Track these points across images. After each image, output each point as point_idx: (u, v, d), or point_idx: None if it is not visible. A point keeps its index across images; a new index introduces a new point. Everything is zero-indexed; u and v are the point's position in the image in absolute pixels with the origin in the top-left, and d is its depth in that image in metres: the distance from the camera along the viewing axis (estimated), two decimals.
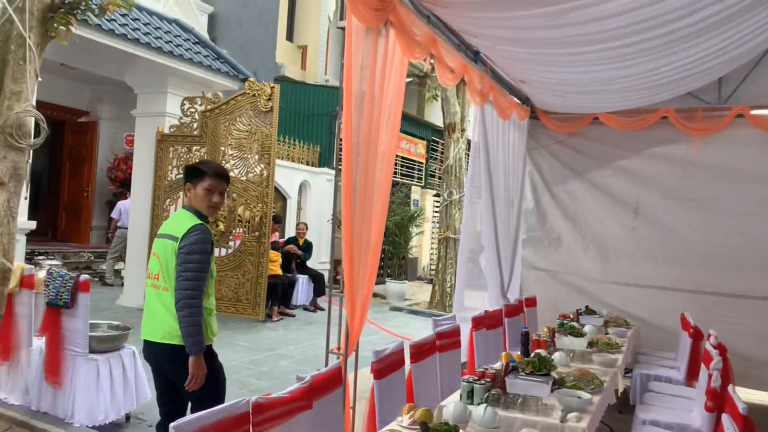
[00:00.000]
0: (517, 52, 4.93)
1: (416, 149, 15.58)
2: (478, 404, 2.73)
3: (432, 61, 4.48)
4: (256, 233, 7.05)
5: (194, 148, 7.41)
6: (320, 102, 11.95)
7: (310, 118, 12.00)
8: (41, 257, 8.86)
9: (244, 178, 7.17)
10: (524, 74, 5.65)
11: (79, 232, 12.61)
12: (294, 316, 8.15)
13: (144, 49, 6.87)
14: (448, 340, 4.12)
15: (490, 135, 6.00)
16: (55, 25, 3.36)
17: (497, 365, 3.65)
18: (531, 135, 7.14)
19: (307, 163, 11.28)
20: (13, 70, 3.13)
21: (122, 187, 12.27)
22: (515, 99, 6.37)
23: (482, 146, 5.89)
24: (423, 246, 16.19)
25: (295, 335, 7.01)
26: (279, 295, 7.62)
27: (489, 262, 6.41)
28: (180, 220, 2.79)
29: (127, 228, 8.85)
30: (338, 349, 3.93)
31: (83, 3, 3.33)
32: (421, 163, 15.90)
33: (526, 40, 4.60)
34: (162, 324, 2.71)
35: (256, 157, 7.11)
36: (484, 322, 5.08)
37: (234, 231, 7.25)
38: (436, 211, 15.48)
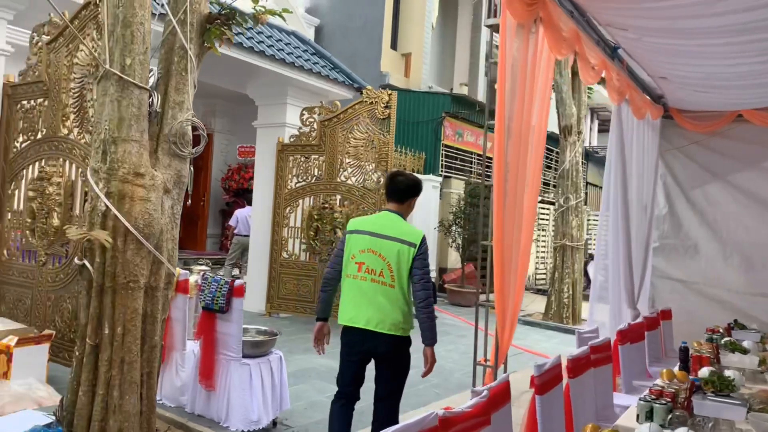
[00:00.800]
0: (664, 44, 4.58)
1: None
2: (661, 425, 2.47)
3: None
4: None
5: (312, 156, 7.53)
6: (425, 109, 11.89)
7: (416, 126, 11.97)
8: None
9: (361, 186, 7.19)
10: (666, 69, 5.26)
11: (196, 240, 13.30)
12: None
13: (269, 61, 7.11)
14: (601, 354, 3.85)
15: (626, 136, 5.64)
16: (212, 36, 3.47)
17: (658, 382, 3.34)
18: (663, 136, 6.68)
19: (413, 171, 11.24)
20: (176, 80, 3.25)
21: (236, 196, 12.84)
22: (647, 97, 5.98)
23: (618, 147, 5.54)
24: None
25: (415, 344, 6.90)
26: None
27: (616, 272, 6.01)
28: (403, 227, 3.17)
29: (243, 235, 9.20)
30: (486, 360, 3.79)
31: (238, 14, 3.41)
32: None
33: (677, 30, 4.26)
34: (388, 317, 3.05)
35: (373, 164, 7.11)
36: (629, 335, 4.72)
37: None
38: (542, 218, 14.95)
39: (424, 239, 3.13)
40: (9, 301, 4.79)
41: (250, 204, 9.42)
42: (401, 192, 3.28)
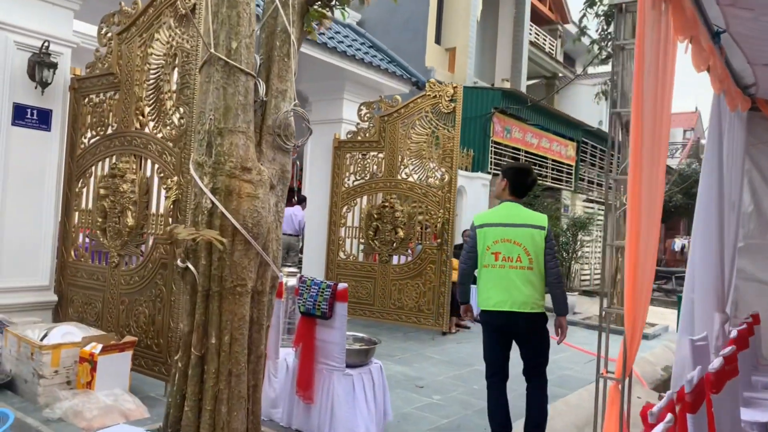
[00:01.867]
0: None
1: (566, 151, 14.73)
2: None
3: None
4: (438, 240, 6.74)
5: (371, 153, 7.27)
6: (472, 104, 11.56)
7: (463, 122, 11.63)
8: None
9: (424, 183, 6.90)
10: None
11: None
12: (469, 328, 7.77)
13: (328, 53, 6.86)
14: (731, 366, 3.50)
15: (723, 128, 5.27)
16: (312, 19, 3.22)
17: None
18: (749, 129, 6.27)
19: (461, 168, 10.92)
20: (279, 67, 3.00)
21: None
22: (737, 88, 5.60)
23: (716, 141, 5.17)
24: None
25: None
26: (456, 306, 7.26)
27: (705, 273, 5.63)
28: (530, 213, 3.58)
29: (290, 234, 8.91)
30: (608, 371, 3.47)
31: None
32: (571, 166, 15.02)
33: None
34: (529, 297, 3.41)
35: (436, 161, 6.82)
36: (740, 343, 4.36)
37: (412, 237, 7.01)
38: (599, 219, 14.49)
39: (547, 222, 3.55)
40: (77, 304, 4.60)
41: (299, 203, 9.19)
42: (527, 189, 3.68)
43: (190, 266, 2.73)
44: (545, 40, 21.97)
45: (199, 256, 2.71)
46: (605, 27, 9.58)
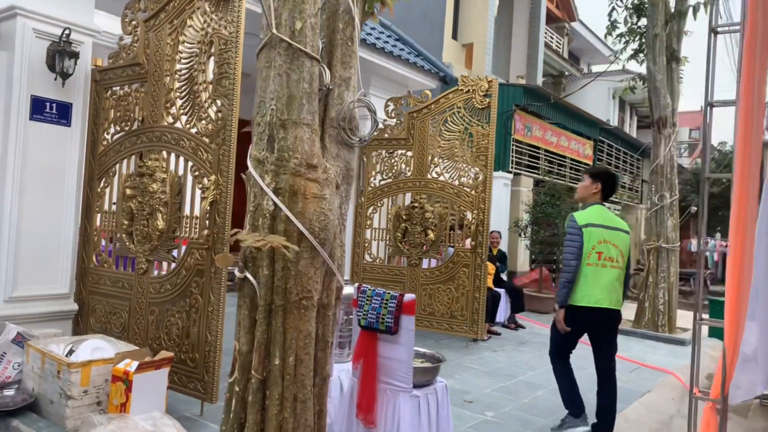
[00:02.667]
0: None
1: (584, 150, 14.44)
2: None
3: None
4: (472, 243, 6.42)
5: (399, 151, 6.95)
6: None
7: None
8: None
9: (456, 183, 6.58)
10: None
11: None
12: (500, 334, 7.46)
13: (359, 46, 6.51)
14: None
15: None
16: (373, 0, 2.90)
17: None
18: None
19: None
20: (342, 51, 2.68)
21: None
22: None
23: None
24: None
25: (520, 357, 6.30)
26: (489, 312, 6.95)
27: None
28: (617, 218, 3.99)
29: None
30: (701, 391, 3.15)
31: None
32: (588, 165, 14.71)
33: None
34: (620, 295, 3.87)
35: (470, 160, 6.50)
36: None
37: (444, 240, 6.69)
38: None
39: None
40: (100, 314, 4.27)
41: None
42: (613, 194, 4.13)
43: (250, 277, 2.41)
44: (552, 38, 21.71)
45: (260, 265, 2.39)
46: (635, 20, 9.26)
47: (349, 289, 3.18)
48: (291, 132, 2.39)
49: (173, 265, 3.85)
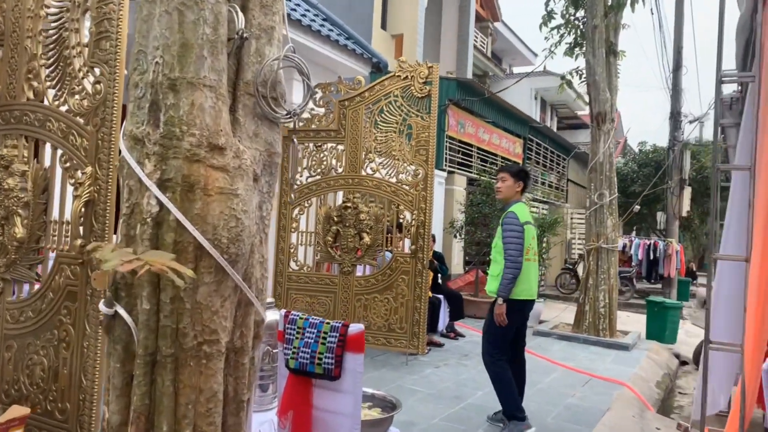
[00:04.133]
0: None
1: (514, 148, 14.24)
2: None
3: None
4: (412, 247, 5.79)
5: (329, 145, 6.22)
6: None
7: None
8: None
9: (393, 180, 5.93)
10: None
11: None
12: (442, 345, 6.89)
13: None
14: None
15: None
16: None
17: None
18: None
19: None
20: None
21: None
22: None
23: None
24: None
25: (466, 374, 5.73)
26: (432, 322, 6.35)
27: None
28: (528, 212, 4.27)
29: None
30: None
31: None
32: (518, 163, 14.52)
33: None
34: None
35: (408, 154, 5.86)
36: None
37: (380, 244, 6.02)
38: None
39: None
40: None
41: None
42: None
43: (122, 312, 1.62)
44: (477, 38, 21.65)
45: (139, 296, 1.62)
46: (572, 12, 8.97)
47: (272, 315, 2.43)
48: (185, 97, 1.64)
49: (36, 286, 2.94)
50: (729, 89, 5.83)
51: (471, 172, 11.38)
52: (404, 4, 12.19)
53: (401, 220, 6.08)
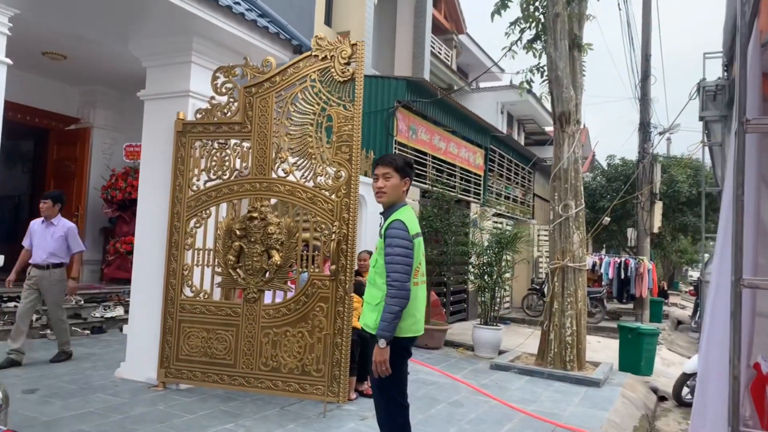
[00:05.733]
0: None
1: (475, 159, 13.29)
2: None
3: None
4: (332, 267, 4.67)
5: (232, 142, 5.09)
6: (372, 97, 9.68)
7: (362, 117, 9.72)
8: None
9: (310, 184, 4.81)
10: None
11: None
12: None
13: None
14: None
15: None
16: None
17: None
18: None
19: (362, 173, 8.93)
20: None
21: (121, 210, 9.98)
22: None
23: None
24: None
25: None
26: (355, 361, 5.17)
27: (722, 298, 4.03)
28: (416, 219, 3.32)
29: (47, 266, 6.14)
30: None
31: None
32: (479, 175, 13.58)
33: None
34: None
35: (327, 152, 4.76)
36: None
37: (294, 264, 4.89)
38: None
39: None
40: None
41: (55, 204, 6.24)
42: None
43: None
44: (441, 50, 20.89)
45: None
46: (532, 1, 8.06)
47: None
48: None
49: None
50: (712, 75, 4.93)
51: (425, 183, 10.35)
52: (350, 0, 11.20)
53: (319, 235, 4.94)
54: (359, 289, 5.13)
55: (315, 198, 4.81)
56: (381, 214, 3.51)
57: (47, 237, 5.94)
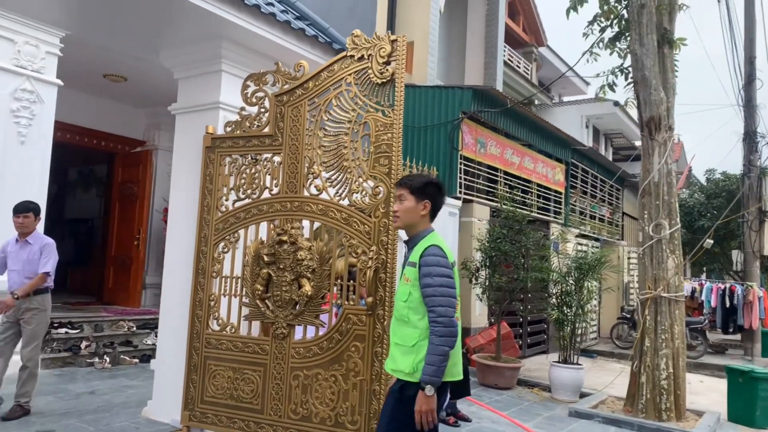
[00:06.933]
0: None
1: (554, 175, 12.28)
2: None
3: None
4: (369, 299, 3.99)
5: (264, 156, 4.56)
6: (436, 110, 9.04)
7: (423, 131, 9.10)
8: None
9: (344, 202, 4.19)
10: None
11: (128, 292, 10.21)
12: None
13: None
14: None
15: None
16: None
17: None
18: None
19: None
20: None
21: None
22: None
23: None
24: None
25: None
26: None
27: None
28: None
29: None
30: None
31: None
32: (559, 193, 12.53)
33: None
34: None
35: (365, 165, 4.12)
36: None
37: (326, 295, 4.27)
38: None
39: None
40: None
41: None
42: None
43: None
44: (520, 63, 19.97)
45: None
46: None
47: None
48: None
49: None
50: None
51: (496, 201, 9.53)
52: (414, 9, 10.66)
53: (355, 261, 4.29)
54: None
55: (350, 219, 4.17)
56: (405, 242, 3.01)
57: (22, 258, 4.97)
